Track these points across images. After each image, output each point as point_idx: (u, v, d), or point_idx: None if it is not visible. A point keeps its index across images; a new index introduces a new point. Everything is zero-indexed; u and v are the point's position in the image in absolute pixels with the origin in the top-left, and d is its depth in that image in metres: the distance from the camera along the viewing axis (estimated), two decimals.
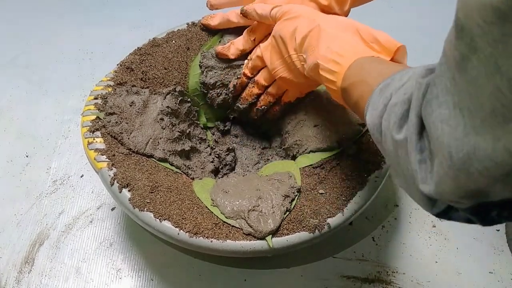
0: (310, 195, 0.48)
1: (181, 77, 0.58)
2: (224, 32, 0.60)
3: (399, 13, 0.92)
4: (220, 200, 0.47)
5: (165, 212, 0.45)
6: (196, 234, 0.44)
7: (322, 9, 0.53)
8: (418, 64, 0.32)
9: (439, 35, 0.97)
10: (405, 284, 0.55)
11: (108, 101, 0.52)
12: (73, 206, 0.63)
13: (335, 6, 0.52)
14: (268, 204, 0.46)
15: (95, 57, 0.84)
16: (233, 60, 0.57)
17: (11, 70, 0.82)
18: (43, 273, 0.56)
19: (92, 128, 0.50)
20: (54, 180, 0.66)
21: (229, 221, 0.45)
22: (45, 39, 0.87)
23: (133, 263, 0.57)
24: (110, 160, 0.48)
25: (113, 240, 0.59)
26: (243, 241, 0.44)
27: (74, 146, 0.69)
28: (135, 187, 0.46)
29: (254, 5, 0.53)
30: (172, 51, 0.59)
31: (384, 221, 0.60)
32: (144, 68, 0.57)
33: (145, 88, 0.56)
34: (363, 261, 0.57)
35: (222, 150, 0.60)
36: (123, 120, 0.51)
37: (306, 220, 0.45)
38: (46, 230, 0.60)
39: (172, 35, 0.60)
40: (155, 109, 0.54)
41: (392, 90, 0.31)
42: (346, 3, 0.52)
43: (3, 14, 0.93)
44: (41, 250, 0.58)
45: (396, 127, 0.29)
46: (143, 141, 0.51)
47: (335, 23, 0.44)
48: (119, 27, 0.89)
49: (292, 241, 0.45)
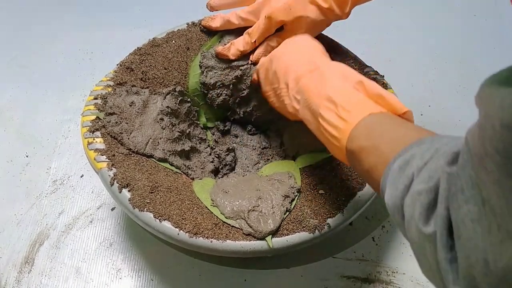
0: (310, 195, 0.48)
1: (181, 77, 0.58)
2: (224, 32, 0.60)
3: (399, 13, 0.92)
4: (220, 200, 0.47)
5: (165, 212, 0.45)
6: (196, 234, 0.44)
7: (323, 12, 0.52)
8: (419, 64, 0.32)
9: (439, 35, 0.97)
10: (405, 284, 0.55)
11: (108, 101, 0.52)
12: (73, 206, 0.63)
13: (336, 8, 0.52)
14: (268, 204, 0.46)
15: (95, 57, 0.84)
16: (233, 60, 0.57)
17: (11, 70, 0.82)
18: (43, 273, 0.56)
19: (92, 128, 0.50)
20: (54, 180, 0.66)
21: (229, 221, 0.45)
22: (45, 39, 0.87)
23: (133, 263, 0.57)
24: (110, 160, 0.48)
25: (113, 240, 0.59)
26: (243, 241, 0.44)
27: (74, 146, 0.69)
28: (135, 187, 0.46)
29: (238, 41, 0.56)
30: (172, 51, 0.59)
31: (384, 221, 0.60)
32: (144, 68, 0.57)
33: (145, 88, 0.56)
34: (363, 261, 0.57)
35: (222, 150, 0.60)
36: (123, 120, 0.51)
37: (306, 220, 0.45)
38: (46, 230, 0.60)
39: (172, 35, 0.60)
40: (155, 109, 0.54)
41: (414, 170, 0.28)
42: (346, 4, 0.52)
43: (3, 14, 0.93)
44: (41, 250, 0.58)
45: (423, 219, 0.26)
46: (143, 141, 0.51)
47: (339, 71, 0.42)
48: (119, 27, 0.89)
49: (292, 241, 0.45)
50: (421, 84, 0.78)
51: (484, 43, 0.85)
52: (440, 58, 0.82)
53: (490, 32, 0.87)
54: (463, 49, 0.84)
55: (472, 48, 0.84)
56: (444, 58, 0.82)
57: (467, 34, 0.87)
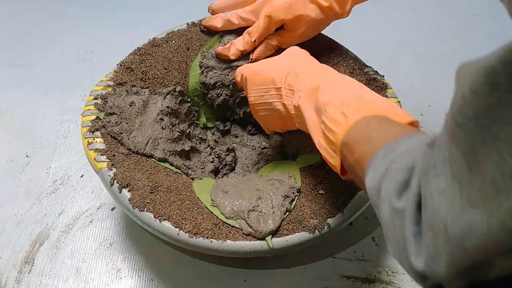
0: (310, 195, 0.48)
1: (181, 77, 0.58)
2: (224, 32, 0.60)
3: (399, 13, 0.92)
4: (220, 200, 0.47)
5: (165, 212, 0.45)
6: (196, 234, 0.43)
7: (323, 10, 0.53)
8: (419, 64, 0.32)
9: (439, 36, 0.97)
10: (405, 284, 0.55)
11: (108, 101, 0.52)
12: (73, 206, 0.63)
13: (336, 7, 0.52)
14: (268, 204, 0.46)
15: (95, 57, 0.84)
16: (233, 60, 0.57)
17: (11, 70, 0.82)
18: (43, 273, 0.56)
19: (92, 128, 0.50)
20: (54, 180, 0.66)
21: (229, 221, 0.45)
22: (45, 39, 0.87)
23: (133, 263, 0.57)
24: (110, 160, 0.48)
25: (113, 240, 0.59)
26: (243, 241, 0.44)
27: (74, 146, 0.69)
28: (135, 187, 0.46)
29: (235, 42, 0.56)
30: (172, 51, 0.59)
31: None
32: (144, 68, 0.57)
33: (145, 88, 0.56)
34: (363, 261, 0.57)
35: (222, 150, 0.60)
36: (123, 120, 0.51)
37: (306, 220, 0.45)
38: (46, 230, 0.60)
39: (172, 35, 0.60)
40: (155, 109, 0.54)
41: (397, 155, 0.29)
42: (347, 3, 0.52)
43: (3, 14, 0.93)
44: (41, 250, 0.58)
45: (396, 194, 0.27)
46: (143, 141, 0.51)
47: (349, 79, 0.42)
48: (119, 27, 0.89)
49: (292, 241, 0.45)
50: (421, 84, 0.78)
51: (484, 43, 0.85)
52: (440, 58, 0.82)
53: (490, 32, 0.87)
54: (463, 49, 0.84)
55: (472, 48, 0.84)
56: (444, 58, 0.82)
57: (467, 34, 0.87)
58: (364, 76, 0.56)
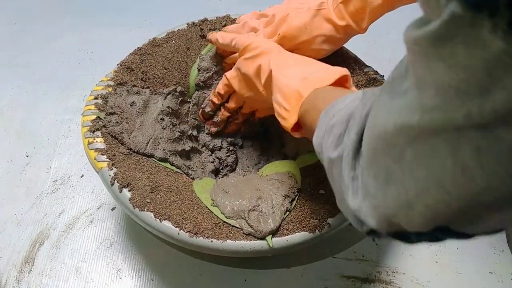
0: (310, 195, 0.48)
1: (181, 77, 0.58)
2: None
3: (399, 13, 0.92)
4: (220, 200, 0.47)
5: (165, 212, 0.45)
6: (196, 234, 0.44)
7: (338, 30, 0.52)
8: None
9: None
10: (405, 284, 0.55)
11: (109, 101, 0.52)
12: (73, 206, 0.63)
13: (353, 24, 0.51)
14: (268, 204, 0.46)
15: (95, 57, 0.84)
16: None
17: (11, 70, 0.82)
18: (43, 273, 0.56)
19: (92, 128, 0.50)
20: (54, 180, 0.66)
21: (229, 221, 0.45)
22: (45, 39, 0.87)
23: (133, 263, 0.57)
24: (111, 160, 0.48)
25: (113, 240, 0.59)
26: (243, 241, 0.44)
27: (74, 146, 0.69)
28: (135, 187, 0.46)
29: (217, 34, 0.55)
30: (172, 51, 0.59)
31: None
32: (144, 68, 0.57)
33: (146, 88, 0.56)
34: (363, 261, 0.57)
35: (222, 151, 0.60)
36: (123, 120, 0.52)
37: (306, 220, 0.45)
38: (46, 230, 0.60)
39: (172, 35, 0.60)
40: (155, 109, 0.54)
41: (335, 111, 0.32)
42: (363, 20, 0.51)
43: (3, 14, 0.93)
44: (41, 250, 0.58)
45: (333, 147, 0.29)
46: (143, 141, 0.51)
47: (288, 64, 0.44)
48: (119, 27, 0.89)
49: (292, 241, 0.45)
50: None
51: None
52: None
53: None
54: None
55: None
56: None
57: None
58: (364, 76, 0.56)
